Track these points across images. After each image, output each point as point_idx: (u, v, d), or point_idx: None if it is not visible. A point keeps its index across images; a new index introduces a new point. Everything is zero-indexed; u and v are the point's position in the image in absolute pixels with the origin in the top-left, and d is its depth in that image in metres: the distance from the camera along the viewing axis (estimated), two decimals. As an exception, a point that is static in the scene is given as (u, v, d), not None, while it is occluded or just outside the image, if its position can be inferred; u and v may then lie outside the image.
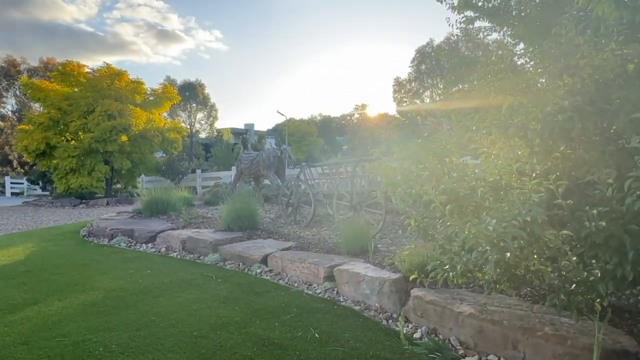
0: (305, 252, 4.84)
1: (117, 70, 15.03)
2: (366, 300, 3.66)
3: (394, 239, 5.34)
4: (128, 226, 6.77)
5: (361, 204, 5.70)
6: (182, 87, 32.36)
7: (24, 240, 6.70)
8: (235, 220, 6.01)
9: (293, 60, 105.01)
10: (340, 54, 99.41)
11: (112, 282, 4.21)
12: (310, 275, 4.23)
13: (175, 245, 5.82)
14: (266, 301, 3.64)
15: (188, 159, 24.86)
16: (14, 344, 2.78)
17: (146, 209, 7.92)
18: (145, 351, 2.65)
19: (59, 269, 4.78)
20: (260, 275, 4.53)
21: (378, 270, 3.87)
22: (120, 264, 5.03)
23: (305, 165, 7.02)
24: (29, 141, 13.41)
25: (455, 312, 2.94)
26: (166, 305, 3.50)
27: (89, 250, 5.85)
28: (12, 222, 9.46)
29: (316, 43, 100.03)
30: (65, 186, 13.86)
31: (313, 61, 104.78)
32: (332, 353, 2.67)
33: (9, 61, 30.46)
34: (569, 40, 1.77)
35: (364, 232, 4.77)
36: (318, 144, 34.17)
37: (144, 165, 15.72)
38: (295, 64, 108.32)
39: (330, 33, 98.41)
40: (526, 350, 2.55)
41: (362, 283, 3.72)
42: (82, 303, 3.59)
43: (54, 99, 13.76)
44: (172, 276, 4.44)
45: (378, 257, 4.40)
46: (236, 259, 5.02)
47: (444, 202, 1.86)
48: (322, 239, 5.58)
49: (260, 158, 8.93)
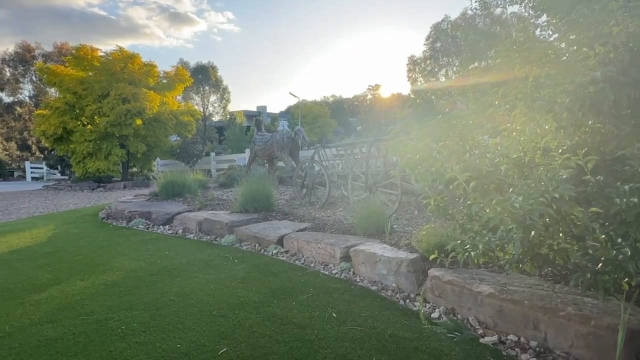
0: (321, 233, 4.84)
1: (130, 53, 15.03)
2: (383, 280, 3.65)
3: (409, 220, 5.30)
4: (145, 209, 6.86)
5: (376, 185, 5.65)
6: (195, 69, 32.30)
7: (45, 223, 6.86)
8: (250, 202, 6.04)
9: (305, 41, 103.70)
10: (353, 36, 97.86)
11: (131, 263, 4.29)
12: (327, 256, 4.23)
13: (192, 227, 5.88)
14: (283, 281, 3.66)
15: (202, 142, 24.99)
16: (41, 322, 2.85)
17: (162, 192, 8.00)
18: (166, 329, 2.70)
19: (80, 251, 4.88)
20: (277, 256, 4.55)
21: (395, 250, 3.84)
22: (139, 245, 5.11)
23: (320, 147, 6.96)
24: (46, 126, 13.61)
25: (474, 292, 2.90)
26: (185, 286, 3.54)
27: (108, 232, 5.96)
28: (34, 206, 9.70)
29: (329, 24, 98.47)
30: (83, 170, 14.10)
31: (326, 42, 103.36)
32: (350, 332, 2.68)
33: (23, 47, 30.76)
34: (602, 7, 1.66)
35: (379, 213, 4.73)
36: (331, 126, 33.91)
37: (158, 149, 15.85)
38: (307, 45, 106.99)
39: (344, 14, 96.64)
40: (548, 330, 2.51)
41: (378, 263, 3.70)
42: (103, 283, 3.66)
43: (69, 83, 13.87)
44: (190, 257, 4.49)
45: (394, 238, 4.38)
46: (252, 240, 5.05)
47: (467, 179, 1.81)
48: (338, 220, 5.57)
49: (274, 140, 8.90)
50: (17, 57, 30.64)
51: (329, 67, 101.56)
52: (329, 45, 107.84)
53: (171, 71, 16.28)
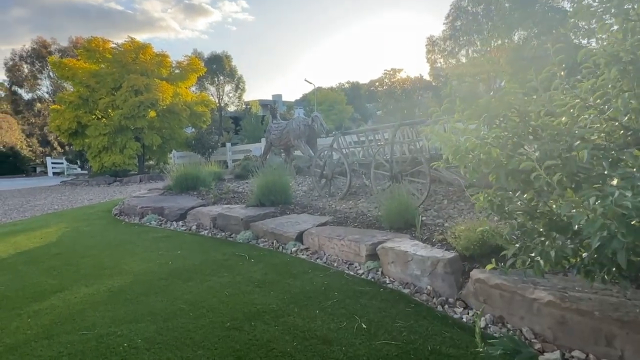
0: (344, 228, 4.46)
1: (141, 44, 14.72)
2: (416, 282, 3.25)
3: (439, 211, 4.86)
4: (158, 204, 6.59)
5: (402, 173, 5.21)
6: (209, 59, 31.95)
7: (58, 221, 6.66)
8: (266, 195, 5.68)
9: (320, 27, 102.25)
10: (369, 19, 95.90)
11: (141, 265, 3.99)
12: (351, 254, 3.85)
13: (206, 223, 5.57)
14: (304, 284, 3.30)
15: (218, 132, 24.76)
16: (36, 338, 2.56)
17: (176, 185, 7.72)
18: (173, 347, 2.37)
19: (89, 251, 4.62)
20: (296, 254, 4.19)
21: (428, 248, 3.43)
22: (150, 244, 4.82)
23: (339, 133, 6.51)
24: (60, 121, 13.48)
25: (529, 299, 2.48)
26: (196, 291, 3.22)
27: (119, 230, 5.70)
28: (49, 202, 9.57)
29: (344, 7, 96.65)
30: (99, 164, 13.99)
31: (341, 27, 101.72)
32: (383, 348, 2.30)
33: (40, 42, 30.92)
34: None
35: (407, 204, 4.31)
36: (347, 112, 33.34)
37: (174, 141, 15.62)
38: (322, 31, 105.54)
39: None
40: (625, 347, 2.08)
41: (411, 263, 3.30)
42: (109, 289, 3.36)
43: (82, 76, 13.67)
44: (203, 257, 4.17)
45: (425, 232, 3.96)
46: (269, 237, 4.70)
47: (549, 168, 1.38)
48: (360, 212, 5.18)
49: (290, 127, 8.48)
50: (34, 54, 30.83)
51: (344, 53, 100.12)
52: (344, 30, 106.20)
53: (184, 61, 15.94)
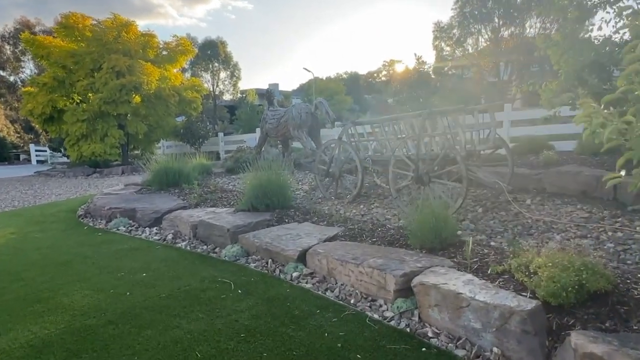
0: (359, 245, 3.42)
1: (124, 20, 13.32)
2: (474, 339, 2.22)
3: (475, 222, 3.85)
4: (130, 204, 5.49)
5: (430, 174, 4.16)
6: (204, 45, 30.70)
7: (7, 224, 5.54)
8: (260, 198, 4.60)
9: (319, 16, 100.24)
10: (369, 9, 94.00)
11: (86, 298, 2.93)
12: (373, 287, 2.81)
13: (185, 231, 4.50)
14: (311, 337, 2.27)
15: (212, 122, 23.53)
16: None
17: (155, 181, 6.60)
18: None
19: (26, 272, 3.55)
20: (298, 281, 3.15)
21: (489, 287, 2.38)
22: (110, 261, 3.76)
23: (350, 123, 5.41)
24: (33, 105, 12.10)
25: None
26: (153, 348, 2.17)
27: (77, 239, 4.61)
28: (10, 198, 8.38)
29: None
30: (78, 154, 12.71)
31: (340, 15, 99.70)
32: None
33: (23, 23, 29.28)
34: None
35: (446, 217, 3.27)
36: (346, 103, 32.22)
37: (161, 129, 14.35)
38: (321, 20, 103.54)
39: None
40: None
41: (466, 310, 2.27)
42: (27, 343, 2.31)
43: (58, 56, 12.29)
44: (174, 284, 3.12)
45: (472, 257, 2.91)
46: (263, 254, 3.65)
47: None
48: (377, 221, 4.15)
49: (289, 116, 7.35)
50: (17, 34, 29.20)
51: (343, 43, 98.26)
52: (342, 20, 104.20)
53: (172, 42, 14.61)
